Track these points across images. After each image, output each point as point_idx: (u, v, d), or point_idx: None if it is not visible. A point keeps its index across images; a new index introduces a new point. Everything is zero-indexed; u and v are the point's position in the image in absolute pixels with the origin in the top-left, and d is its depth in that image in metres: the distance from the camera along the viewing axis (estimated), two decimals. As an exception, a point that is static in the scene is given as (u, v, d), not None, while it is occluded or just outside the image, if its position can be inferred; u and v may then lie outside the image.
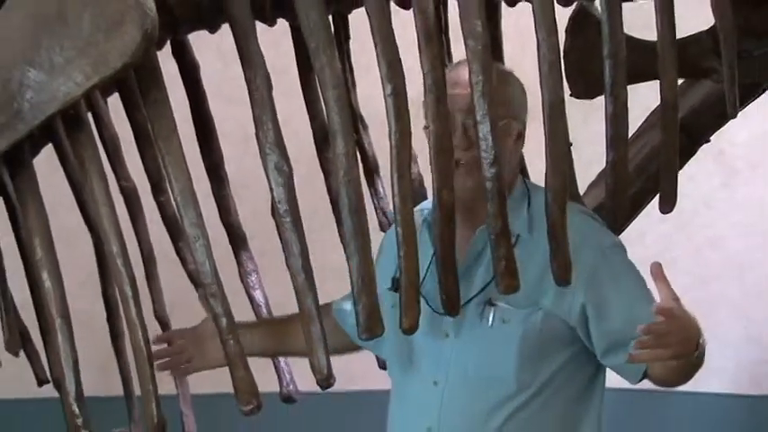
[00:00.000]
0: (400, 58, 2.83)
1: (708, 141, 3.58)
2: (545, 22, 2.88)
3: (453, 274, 2.90)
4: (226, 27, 2.94)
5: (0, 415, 3.38)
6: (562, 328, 3.04)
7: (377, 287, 2.88)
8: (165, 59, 2.96)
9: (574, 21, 3.10)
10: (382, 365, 3.22)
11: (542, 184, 2.93)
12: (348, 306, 3.11)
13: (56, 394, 2.84)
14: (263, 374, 2.97)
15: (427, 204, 3.07)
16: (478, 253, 2.99)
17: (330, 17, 2.94)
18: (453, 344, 3.02)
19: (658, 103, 3.03)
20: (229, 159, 3.32)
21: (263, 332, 3.31)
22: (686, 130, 3.36)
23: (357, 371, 3.34)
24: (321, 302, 2.88)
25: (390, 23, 2.85)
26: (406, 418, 3.16)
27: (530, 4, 2.92)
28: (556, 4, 2.95)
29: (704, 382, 5.51)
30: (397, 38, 2.83)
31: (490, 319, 2.99)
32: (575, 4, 3.09)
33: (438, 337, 2.96)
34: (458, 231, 2.86)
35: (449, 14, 3.18)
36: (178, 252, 3.20)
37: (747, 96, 3.29)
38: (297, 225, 2.82)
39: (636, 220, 3.50)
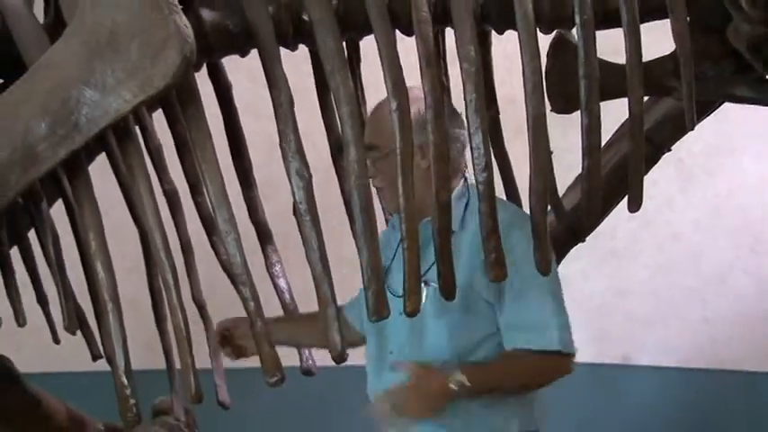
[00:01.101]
0: (404, 79, 2.83)
1: (669, 150, 3.58)
2: (529, 48, 2.88)
3: (450, 264, 2.91)
4: (254, 52, 2.94)
5: (59, 386, 3.38)
6: (482, 304, 3.11)
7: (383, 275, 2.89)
8: (202, 80, 2.96)
9: (554, 46, 3.10)
10: None
11: (527, 187, 2.94)
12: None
13: (108, 368, 2.84)
14: (286, 351, 2.98)
15: None
16: (422, 242, 2.99)
17: (344, 43, 2.94)
18: (404, 319, 3.01)
19: (627, 117, 3.02)
20: (257, 166, 3.32)
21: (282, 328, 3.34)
22: (651, 141, 3.36)
23: (367, 348, 3.35)
24: (336, 289, 2.88)
25: (396, 49, 2.85)
26: (380, 385, 3.20)
27: (516, 33, 2.93)
28: (538, 33, 2.96)
29: (665, 357, 5.54)
30: (401, 61, 2.84)
31: (424, 296, 2.99)
32: (555, 32, 3.09)
33: (394, 315, 2.95)
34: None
35: (446, 41, 3.18)
36: (213, 245, 3.20)
37: (703, 112, 3.29)
38: (315, 222, 2.83)
39: (608, 217, 3.50)
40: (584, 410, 5.55)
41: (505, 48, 3.15)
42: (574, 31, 2.97)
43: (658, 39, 3.05)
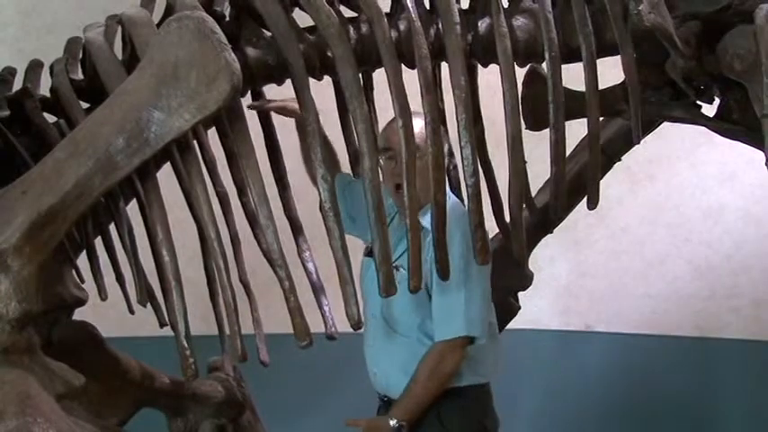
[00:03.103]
0: (409, 103, 2.83)
1: (620, 160, 3.58)
2: (508, 78, 2.89)
3: (445, 250, 2.91)
4: (288, 81, 2.94)
5: (134, 347, 3.38)
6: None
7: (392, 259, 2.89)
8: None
9: (528, 77, 3.09)
10: None
11: (506, 190, 2.94)
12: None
13: (172, 334, 2.84)
14: (314, 320, 2.97)
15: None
16: (398, 238, 2.99)
17: (360, 75, 2.94)
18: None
19: (586, 133, 3.02)
20: (290, 172, 3.32)
21: None
22: (605, 152, 3.36)
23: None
24: (353, 269, 2.88)
25: (401, 78, 2.86)
26: (366, 338, 3.35)
27: (497, 66, 2.93)
28: (515, 66, 2.96)
29: (616, 325, 5.53)
30: (406, 88, 2.84)
31: (398, 279, 2.99)
32: (528, 65, 3.08)
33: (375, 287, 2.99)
34: None
35: (442, 72, 3.18)
36: (255, 236, 3.19)
37: (647, 129, 3.28)
38: (337, 217, 2.84)
39: (570, 213, 3.49)
40: (552, 369, 5.55)
41: (488, 78, 3.14)
42: (544, 64, 2.97)
43: (611, 71, 3.05)
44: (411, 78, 2.89)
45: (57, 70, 3.05)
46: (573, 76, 2.99)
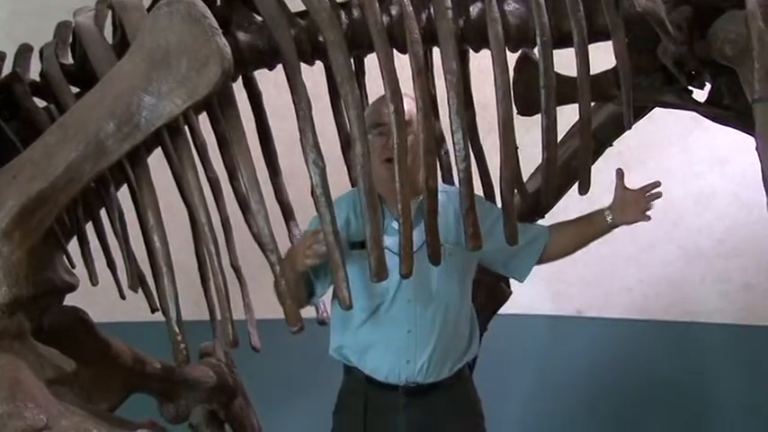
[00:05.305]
0: (400, 87, 2.83)
1: (611, 146, 3.58)
2: (499, 63, 2.88)
3: (437, 236, 2.91)
4: (280, 66, 2.94)
5: (125, 333, 3.38)
6: (475, 257, 3.20)
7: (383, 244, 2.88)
8: (238, 89, 2.95)
9: (519, 62, 3.09)
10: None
11: (498, 175, 2.95)
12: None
13: (163, 319, 2.84)
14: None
15: None
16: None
17: (351, 60, 2.93)
18: (418, 275, 3.00)
19: (578, 118, 3.02)
20: (282, 157, 3.31)
21: None
22: (596, 138, 3.35)
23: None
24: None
25: (393, 63, 2.85)
26: (387, 329, 3.17)
27: (489, 51, 2.92)
28: (507, 51, 2.95)
29: (608, 310, 5.54)
30: (397, 73, 2.83)
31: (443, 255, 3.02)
32: (520, 50, 3.08)
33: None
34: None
35: (433, 58, 3.17)
36: (246, 221, 3.19)
37: (638, 115, 3.27)
38: (328, 202, 2.83)
39: (562, 199, 3.50)
40: (544, 354, 5.57)
41: (480, 63, 3.14)
42: (536, 49, 2.96)
43: (603, 56, 3.05)
44: (402, 63, 2.89)
45: (46, 55, 3.04)
46: (564, 62, 2.99)
